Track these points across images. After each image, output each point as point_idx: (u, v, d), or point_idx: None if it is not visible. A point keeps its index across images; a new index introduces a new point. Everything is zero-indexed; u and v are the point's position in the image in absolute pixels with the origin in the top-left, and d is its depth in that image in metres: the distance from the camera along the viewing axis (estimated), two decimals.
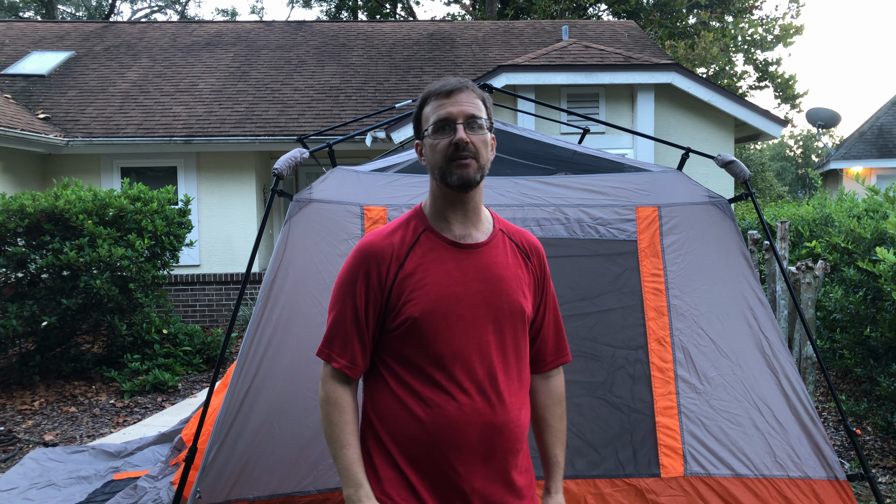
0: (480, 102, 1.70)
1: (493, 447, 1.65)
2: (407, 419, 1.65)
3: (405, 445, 1.65)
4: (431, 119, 1.68)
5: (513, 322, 1.71)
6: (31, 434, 5.23)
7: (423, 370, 1.65)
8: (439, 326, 1.64)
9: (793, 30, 21.06)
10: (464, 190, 1.67)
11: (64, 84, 11.25)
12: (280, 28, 14.17)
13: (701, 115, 9.42)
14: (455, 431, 1.62)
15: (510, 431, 1.68)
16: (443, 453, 1.63)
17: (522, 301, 1.73)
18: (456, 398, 1.63)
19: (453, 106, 1.66)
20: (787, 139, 41.93)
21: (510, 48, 13.05)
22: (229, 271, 9.98)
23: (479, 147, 1.66)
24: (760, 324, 2.99)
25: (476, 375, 1.65)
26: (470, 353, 1.66)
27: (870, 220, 5.19)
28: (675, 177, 3.17)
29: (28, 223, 6.03)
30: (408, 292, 1.66)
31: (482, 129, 1.68)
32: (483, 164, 1.68)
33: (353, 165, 3.23)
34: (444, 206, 1.72)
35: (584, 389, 2.93)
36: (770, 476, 2.81)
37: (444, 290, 1.66)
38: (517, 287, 1.73)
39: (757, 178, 25.83)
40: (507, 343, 1.70)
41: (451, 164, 1.64)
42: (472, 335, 1.66)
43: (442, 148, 1.65)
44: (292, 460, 2.74)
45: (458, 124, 1.65)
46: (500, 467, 1.67)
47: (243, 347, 2.78)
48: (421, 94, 1.75)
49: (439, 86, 1.70)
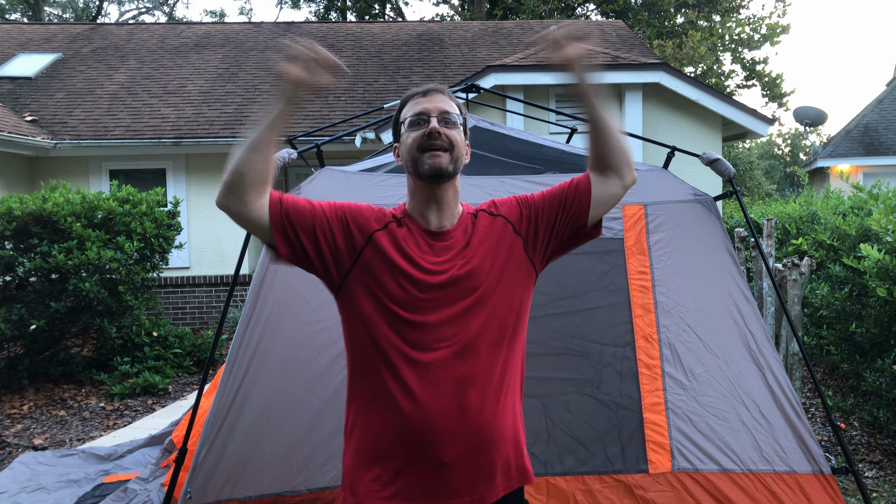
0: (454, 104, 1.76)
1: (467, 438, 1.62)
2: (387, 413, 1.63)
3: (384, 439, 1.63)
4: (407, 116, 1.74)
5: (482, 304, 1.68)
6: (20, 438, 5.20)
7: (393, 348, 1.63)
8: (412, 313, 1.64)
9: (779, 29, 21.19)
10: (436, 181, 1.68)
11: (51, 86, 11.19)
12: (269, 29, 14.15)
13: (689, 114, 9.48)
14: (428, 423, 1.60)
15: (489, 429, 1.65)
16: (421, 446, 1.61)
17: (491, 284, 1.69)
18: (426, 386, 1.61)
19: (428, 103, 1.72)
20: (776, 137, 42.18)
21: (499, 48, 13.08)
22: (219, 273, 9.95)
23: (452, 139, 1.69)
24: (746, 320, 3.02)
25: (441, 352, 1.63)
26: (442, 336, 1.64)
27: (855, 218, 5.24)
28: (660, 175, 3.20)
29: (16, 226, 6.00)
30: (378, 267, 1.66)
31: (456, 126, 1.72)
32: (456, 156, 1.70)
33: (342, 166, 3.25)
34: (420, 202, 1.73)
35: (573, 386, 2.95)
36: (756, 471, 2.84)
37: (414, 274, 1.66)
38: (489, 269, 1.70)
39: (745, 177, 25.98)
40: (487, 325, 1.67)
41: (424, 153, 1.67)
42: (443, 323, 1.65)
43: (416, 138, 1.69)
44: (282, 460, 2.75)
45: (432, 117, 1.70)
46: (475, 461, 1.64)
47: (232, 348, 2.79)
48: (401, 100, 1.80)
49: (417, 88, 1.77)
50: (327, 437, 2.80)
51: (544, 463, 2.86)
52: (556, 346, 2.99)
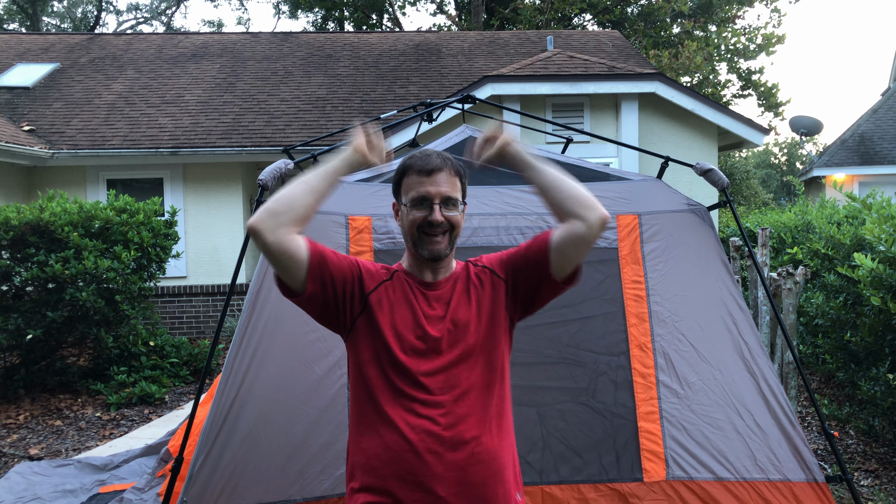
0: (457, 180, 1.84)
1: (463, 470, 1.71)
2: (379, 445, 1.73)
3: (379, 470, 1.72)
4: (410, 194, 1.82)
5: (476, 356, 1.81)
6: (15, 448, 5.19)
7: (397, 393, 1.75)
8: (407, 357, 1.77)
9: (774, 39, 21.31)
10: (434, 262, 1.83)
11: (49, 96, 11.22)
12: (266, 39, 14.20)
13: (685, 124, 9.52)
14: (423, 453, 1.70)
15: (476, 458, 1.73)
16: (414, 476, 1.70)
17: (481, 333, 1.82)
18: (425, 420, 1.72)
19: (432, 186, 1.80)
20: (772, 147, 42.32)
21: (496, 58, 13.14)
22: (216, 282, 9.95)
23: (453, 222, 1.81)
24: (740, 329, 3.04)
25: (441, 397, 1.75)
26: (437, 378, 1.76)
27: (849, 227, 5.27)
28: (654, 185, 3.23)
29: (13, 236, 6.01)
30: (378, 316, 1.79)
31: (456, 209, 1.82)
32: (454, 237, 1.84)
33: None
34: (417, 265, 1.87)
35: (568, 395, 2.97)
36: (751, 479, 2.85)
37: (410, 319, 1.80)
38: (477, 315, 1.83)
39: (742, 186, 26.02)
40: (473, 374, 1.80)
41: (424, 237, 1.80)
42: (436, 360, 1.78)
43: (417, 222, 1.80)
44: (278, 469, 2.75)
45: (434, 204, 1.79)
46: (474, 494, 1.72)
47: (229, 358, 2.80)
48: (402, 162, 1.87)
49: (421, 161, 1.82)
50: (323, 446, 2.80)
51: (539, 472, 2.87)
52: (551, 355, 3.00)
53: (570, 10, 20.29)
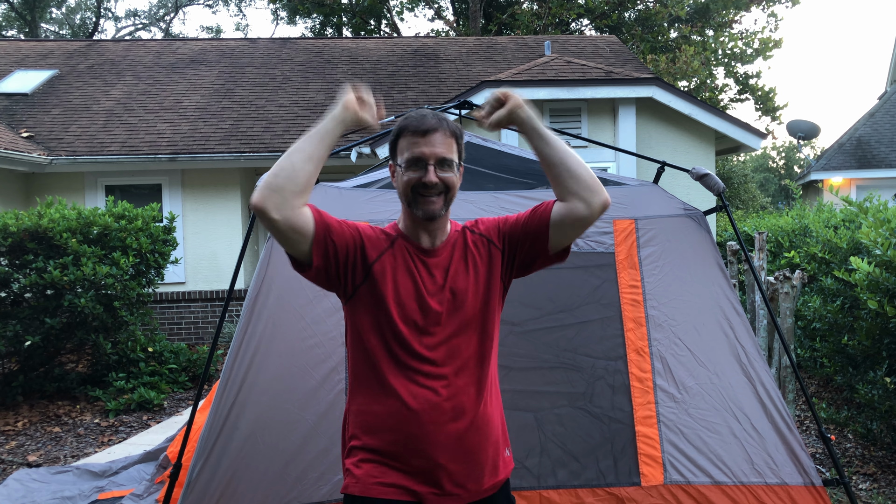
0: (453, 141, 1.82)
1: (462, 435, 1.76)
2: (381, 411, 1.76)
3: (378, 430, 1.76)
4: (405, 155, 1.80)
5: (474, 325, 1.83)
6: (14, 455, 5.19)
7: (390, 355, 1.77)
8: (406, 314, 1.78)
9: (772, 43, 21.36)
10: (429, 221, 1.81)
11: (47, 102, 11.23)
12: (265, 45, 14.23)
13: (682, 128, 9.54)
14: (424, 419, 1.73)
15: (480, 422, 1.79)
16: (413, 437, 1.74)
17: (478, 302, 1.84)
18: (427, 391, 1.75)
19: (427, 147, 1.78)
20: (770, 151, 42.41)
21: (493, 64, 13.17)
22: (215, 288, 9.96)
23: (447, 183, 1.80)
24: (736, 333, 3.05)
25: (442, 369, 1.77)
26: (437, 344, 1.78)
27: (846, 231, 5.28)
28: (651, 190, 3.24)
29: (11, 242, 6.01)
30: (381, 286, 1.78)
31: (451, 169, 1.80)
32: (450, 198, 1.82)
33: (337, 180, 3.28)
34: (413, 228, 1.85)
35: (565, 400, 2.97)
36: (748, 483, 2.85)
37: (412, 287, 1.80)
38: (475, 284, 1.84)
39: (740, 190, 26.05)
40: (474, 335, 1.83)
41: (418, 198, 1.78)
42: (434, 326, 1.79)
43: (412, 183, 1.78)
44: (276, 475, 2.75)
45: (429, 165, 1.77)
46: (470, 458, 1.77)
47: (227, 363, 2.80)
48: (398, 122, 1.85)
49: (417, 122, 1.80)
50: (321, 451, 2.81)
51: (537, 476, 2.88)
52: (549, 359, 3.01)
53: (567, 15, 20.34)
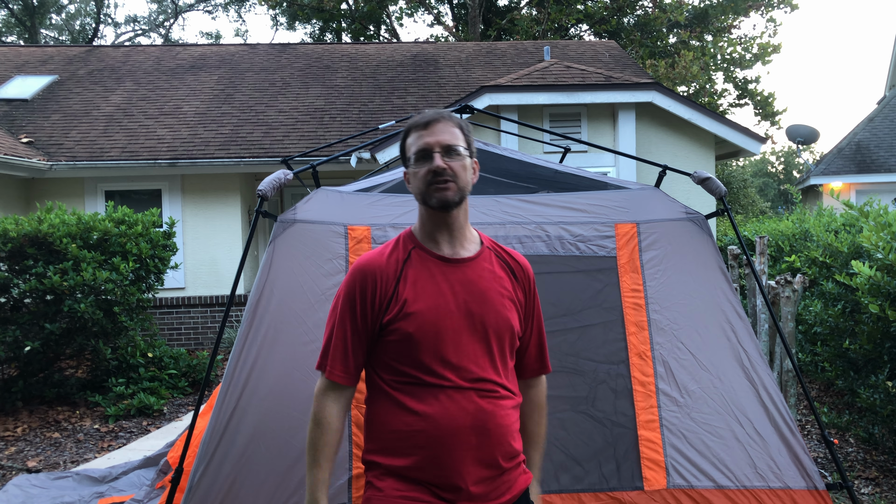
0: (458, 130, 1.82)
1: (482, 447, 1.74)
2: (401, 425, 1.74)
3: (401, 449, 1.74)
4: (412, 150, 1.82)
5: (498, 333, 1.81)
6: (13, 461, 5.17)
7: (415, 378, 1.75)
8: (432, 339, 1.75)
9: (770, 48, 21.43)
10: (444, 210, 1.78)
11: (47, 108, 11.24)
12: (264, 50, 14.26)
13: (682, 133, 9.56)
14: (447, 433, 1.71)
15: (498, 432, 1.76)
16: (437, 454, 1.71)
17: (507, 313, 1.83)
18: (445, 402, 1.73)
19: (430, 136, 1.79)
20: (769, 155, 42.45)
21: (493, 69, 13.20)
22: (215, 293, 9.95)
23: (457, 171, 1.78)
24: (739, 337, 3.05)
25: (464, 381, 1.75)
26: (460, 362, 1.75)
27: (847, 235, 5.29)
28: (652, 194, 3.24)
29: (11, 247, 6.01)
30: (402, 308, 1.76)
31: (459, 155, 1.79)
32: (462, 186, 1.79)
33: (338, 186, 3.27)
34: (432, 228, 1.83)
35: (568, 404, 2.96)
36: (751, 487, 2.84)
37: (436, 305, 1.77)
38: (502, 299, 1.83)
39: (739, 195, 26.08)
40: (493, 352, 1.80)
41: (430, 187, 1.77)
42: (461, 345, 1.76)
43: (422, 175, 1.78)
44: (278, 480, 2.74)
45: (434, 153, 1.77)
46: (490, 464, 1.76)
47: (228, 368, 2.79)
48: (404, 126, 1.88)
49: (419, 118, 1.83)
50: None
51: (540, 481, 2.86)
52: (551, 364, 3.00)
53: (566, 20, 20.39)
